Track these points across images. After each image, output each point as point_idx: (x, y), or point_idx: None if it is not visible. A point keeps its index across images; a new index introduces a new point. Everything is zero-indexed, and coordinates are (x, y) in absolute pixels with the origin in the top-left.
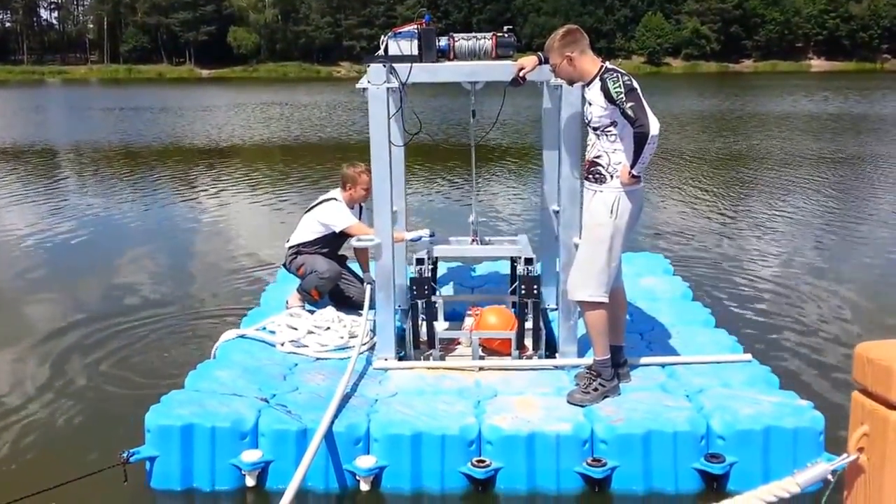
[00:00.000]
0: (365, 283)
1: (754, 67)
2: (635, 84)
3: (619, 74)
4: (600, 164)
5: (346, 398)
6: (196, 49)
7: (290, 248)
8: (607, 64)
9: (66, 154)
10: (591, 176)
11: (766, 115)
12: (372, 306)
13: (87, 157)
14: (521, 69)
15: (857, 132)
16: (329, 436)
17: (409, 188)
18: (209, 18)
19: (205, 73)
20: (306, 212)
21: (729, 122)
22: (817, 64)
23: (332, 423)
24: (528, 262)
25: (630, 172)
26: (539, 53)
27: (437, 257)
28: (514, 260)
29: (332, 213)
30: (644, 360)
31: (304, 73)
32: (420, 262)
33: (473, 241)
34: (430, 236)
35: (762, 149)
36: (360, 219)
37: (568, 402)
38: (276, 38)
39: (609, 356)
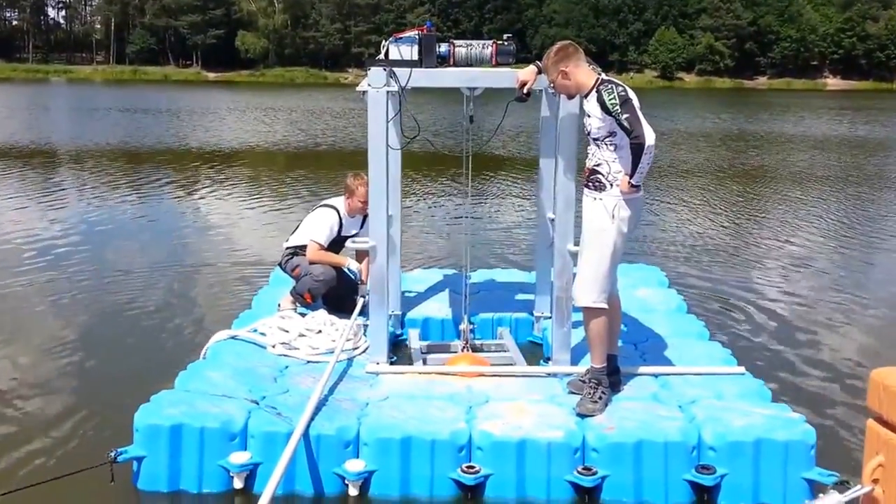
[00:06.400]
0: (358, 295)
1: (768, 84)
2: (631, 95)
3: (614, 85)
4: (600, 173)
5: (336, 401)
6: (203, 52)
7: (287, 248)
8: (603, 75)
9: (65, 153)
10: (590, 183)
11: (780, 133)
12: (362, 314)
13: (85, 156)
14: (524, 84)
15: (874, 153)
16: (318, 439)
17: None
18: (218, 22)
19: (211, 76)
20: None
21: (740, 138)
22: (833, 83)
23: (309, 425)
24: None
25: (629, 182)
26: (537, 63)
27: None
28: None
29: (312, 220)
30: (637, 369)
31: (312, 79)
32: None
33: (464, 347)
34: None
35: (772, 166)
36: (361, 228)
37: (578, 413)
38: (285, 43)
39: (606, 364)
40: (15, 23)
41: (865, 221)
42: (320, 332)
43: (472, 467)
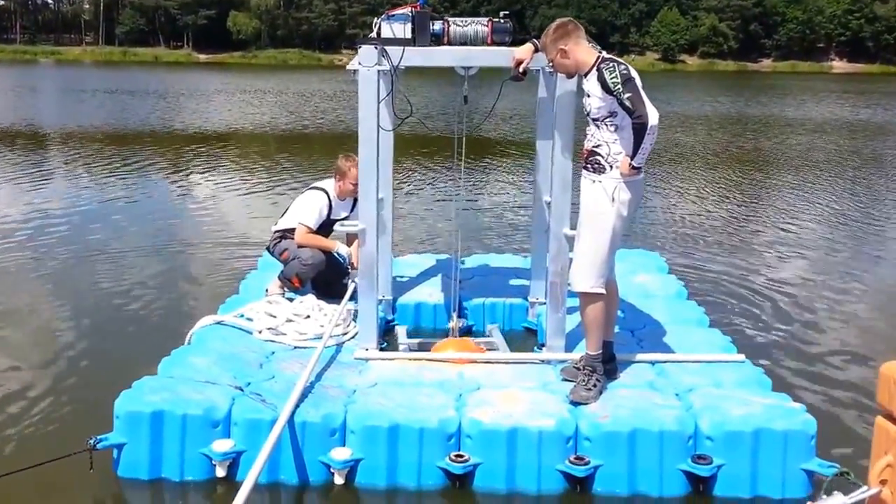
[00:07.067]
0: (349, 280)
1: (773, 67)
2: (633, 73)
3: (616, 64)
4: (600, 154)
5: (323, 388)
6: (194, 33)
7: (275, 231)
8: (604, 54)
9: (48, 135)
10: (589, 166)
11: (781, 116)
12: (352, 299)
13: (69, 138)
14: (520, 63)
15: (874, 136)
16: (303, 426)
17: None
18: (209, 2)
19: (202, 57)
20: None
21: (739, 122)
22: (839, 66)
23: (294, 412)
24: None
25: (630, 164)
26: (534, 41)
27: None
28: None
29: (301, 203)
30: (634, 356)
31: (305, 61)
32: None
33: None
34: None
35: (772, 150)
36: (351, 211)
37: (571, 400)
38: (278, 24)
39: (601, 351)
40: (2, 3)
41: (866, 206)
42: (308, 317)
43: (461, 456)
